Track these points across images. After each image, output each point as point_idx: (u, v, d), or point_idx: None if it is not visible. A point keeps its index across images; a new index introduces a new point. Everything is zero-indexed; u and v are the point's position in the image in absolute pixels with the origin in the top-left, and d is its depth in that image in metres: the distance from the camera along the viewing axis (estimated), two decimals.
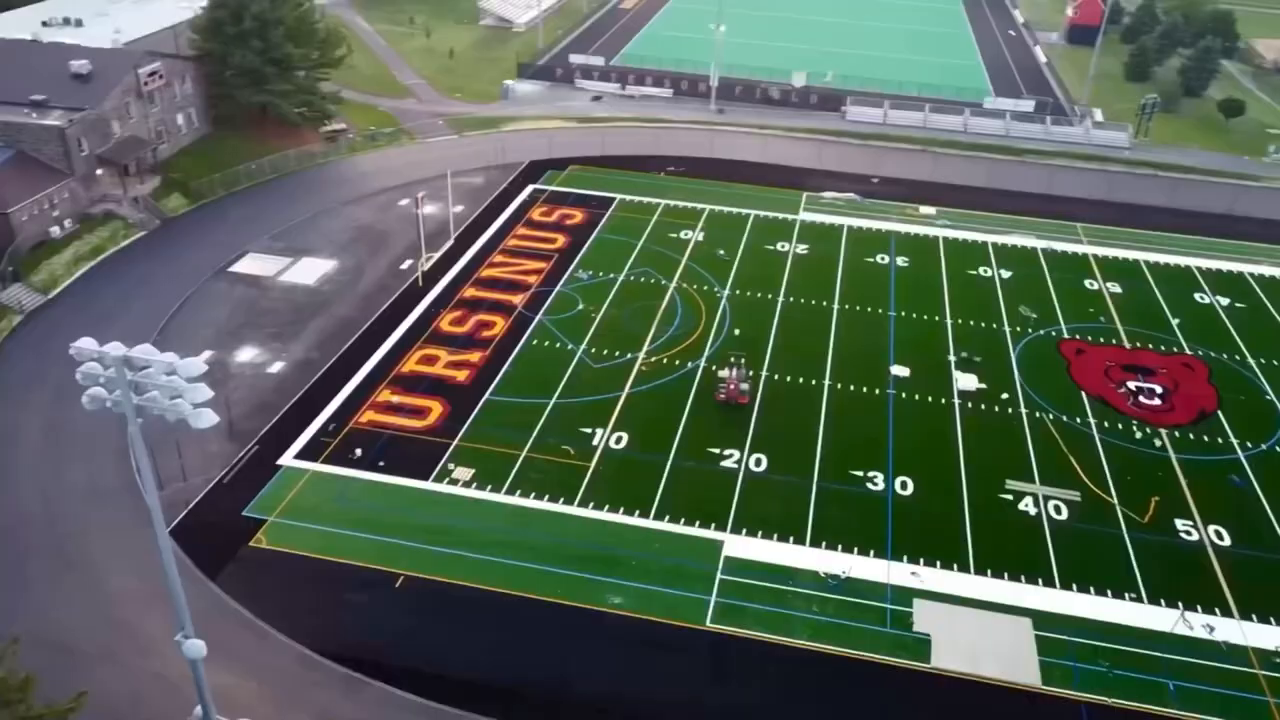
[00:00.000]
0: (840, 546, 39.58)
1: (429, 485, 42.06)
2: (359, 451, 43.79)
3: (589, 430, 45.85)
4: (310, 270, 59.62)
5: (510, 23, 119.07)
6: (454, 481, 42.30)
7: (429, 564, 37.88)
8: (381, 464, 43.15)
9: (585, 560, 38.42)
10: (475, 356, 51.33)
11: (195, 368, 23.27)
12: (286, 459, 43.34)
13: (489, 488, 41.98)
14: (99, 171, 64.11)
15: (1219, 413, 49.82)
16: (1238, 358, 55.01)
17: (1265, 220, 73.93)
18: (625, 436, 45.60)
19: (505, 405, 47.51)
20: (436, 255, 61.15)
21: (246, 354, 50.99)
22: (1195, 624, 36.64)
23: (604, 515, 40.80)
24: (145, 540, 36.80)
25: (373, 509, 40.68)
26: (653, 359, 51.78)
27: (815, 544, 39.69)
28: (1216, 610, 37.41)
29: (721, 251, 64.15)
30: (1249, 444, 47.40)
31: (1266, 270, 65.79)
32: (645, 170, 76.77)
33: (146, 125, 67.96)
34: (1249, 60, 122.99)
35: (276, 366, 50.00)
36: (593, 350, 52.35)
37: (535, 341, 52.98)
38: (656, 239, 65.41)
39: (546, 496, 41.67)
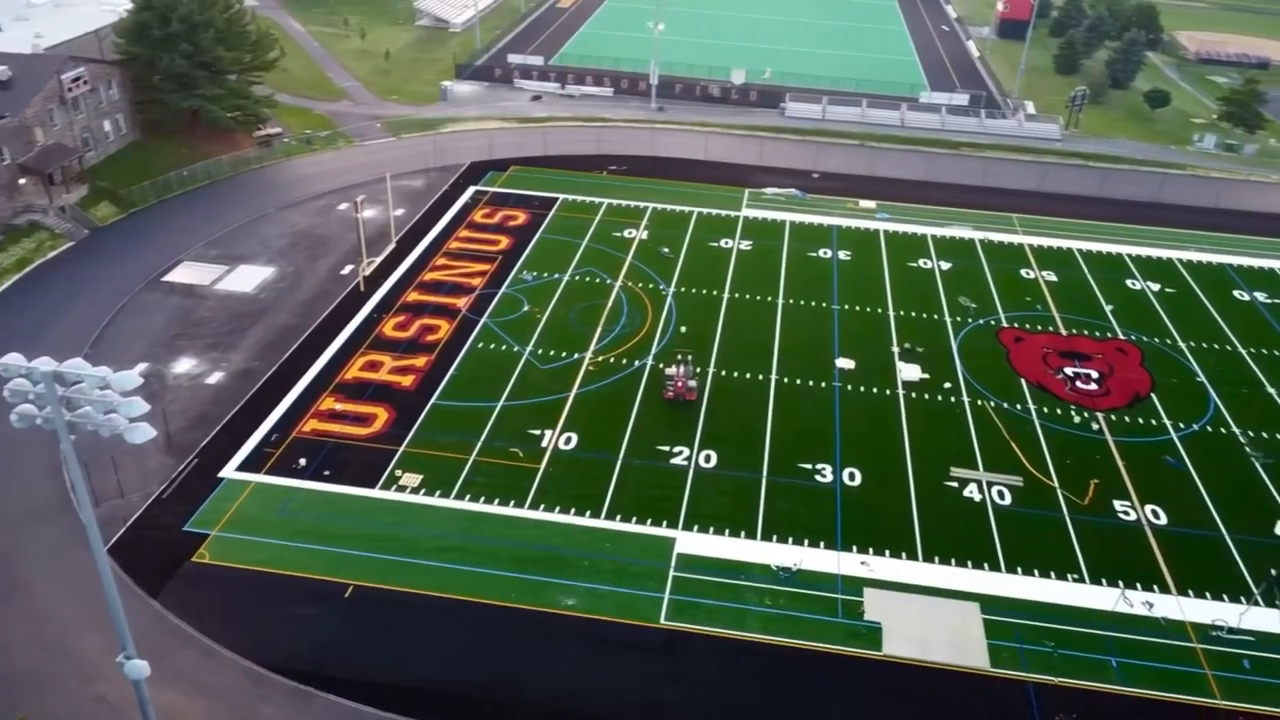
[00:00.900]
0: (791, 539, 39.89)
1: (376, 493, 41.47)
2: (303, 461, 43.02)
3: (537, 432, 45.61)
4: (248, 278, 58.42)
5: (446, 23, 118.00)
6: (402, 488, 41.76)
7: (378, 572, 37.35)
8: (327, 473, 42.43)
9: (537, 562, 38.21)
10: (420, 361, 50.74)
11: (130, 381, 22.61)
12: (228, 471, 42.40)
13: (437, 493, 41.53)
14: (22, 181, 62.03)
15: (1153, 395, 51.23)
16: (1169, 341, 56.63)
17: (1191, 207, 76.26)
18: (574, 437, 45.45)
19: (452, 409, 47.05)
20: (378, 260, 60.32)
21: (184, 365, 49.77)
22: (1135, 602, 37.62)
23: (555, 516, 40.62)
24: (82, 559, 35.89)
25: (319, 519, 39.99)
26: (600, 358, 51.68)
27: (766, 538, 39.96)
28: (1155, 587, 38.46)
29: (666, 249, 64.27)
30: (1182, 425, 48.81)
31: (1193, 256, 67.83)
32: (587, 170, 76.59)
33: (71, 132, 66.00)
34: (1172, 52, 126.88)
35: (215, 377, 48.89)
36: (539, 351, 52.09)
37: (481, 344, 52.55)
38: (600, 238, 65.31)
39: (496, 500, 41.36)
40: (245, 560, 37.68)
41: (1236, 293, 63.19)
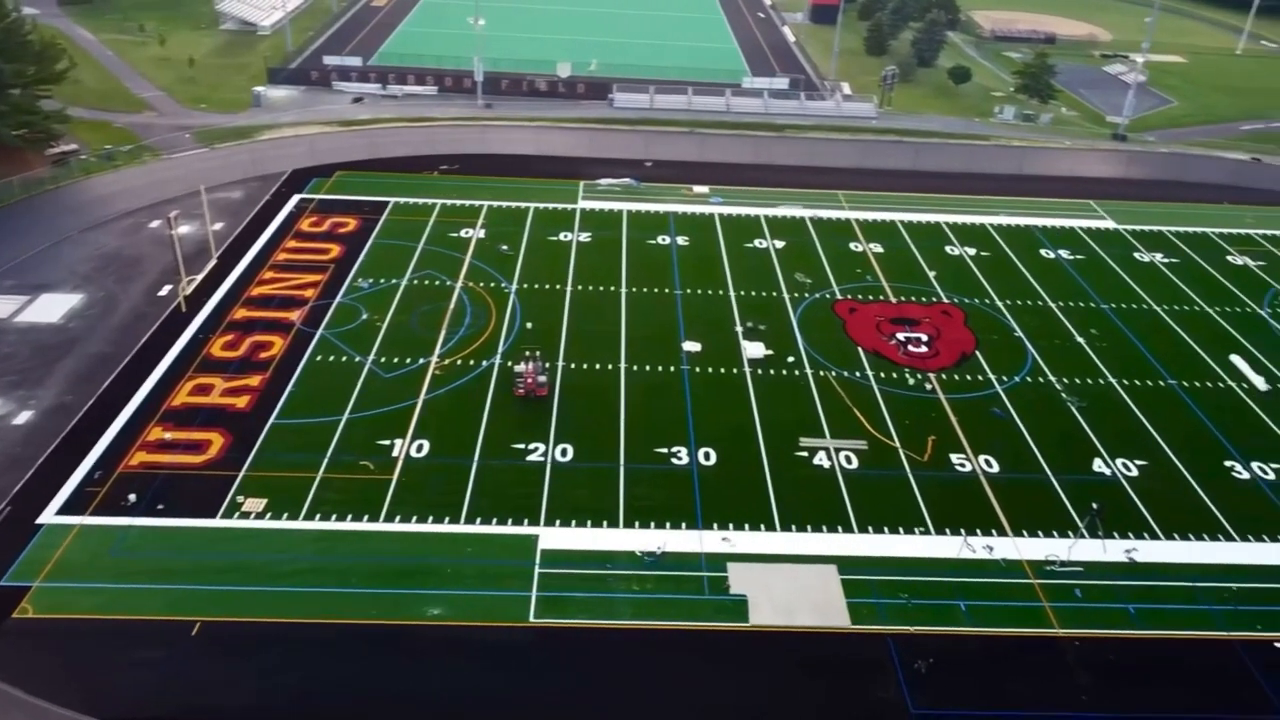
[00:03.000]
0: (653, 524, 40.20)
1: (217, 522, 39.18)
2: (133, 497, 40.12)
3: (387, 442, 44.20)
4: (52, 307, 53.94)
5: (254, 26, 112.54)
6: (245, 514, 39.61)
7: (227, 605, 35.29)
8: (160, 507, 39.75)
9: (398, 576, 37.05)
10: (254, 380, 48.25)
11: None
12: (47, 516, 39.05)
13: (285, 516, 39.62)
14: None
15: (977, 353, 54.42)
16: (987, 301, 60.31)
17: (997, 175, 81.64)
18: (426, 444, 44.30)
19: (293, 427, 44.97)
20: (199, 277, 56.93)
21: None
22: (977, 547, 39.90)
23: (412, 527, 39.49)
24: None
25: (157, 557, 37.42)
26: (446, 361, 50.57)
27: (629, 525, 40.12)
28: (993, 531, 40.90)
29: (505, 246, 63.53)
30: (1004, 378, 52.06)
31: (1002, 220, 72.52)
32: (417, 171, 74.92)
33: None
34: (970, 31, 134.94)
35: (23, 417, 44.93)
36: (382, 360, 50.47)
37: (319, 357, 50.46)
38: (437, 240, 63.90)
39: (349, 516, 39.83)
40: (76, 609, 34.85)
41: (1043, 251, 67.95)
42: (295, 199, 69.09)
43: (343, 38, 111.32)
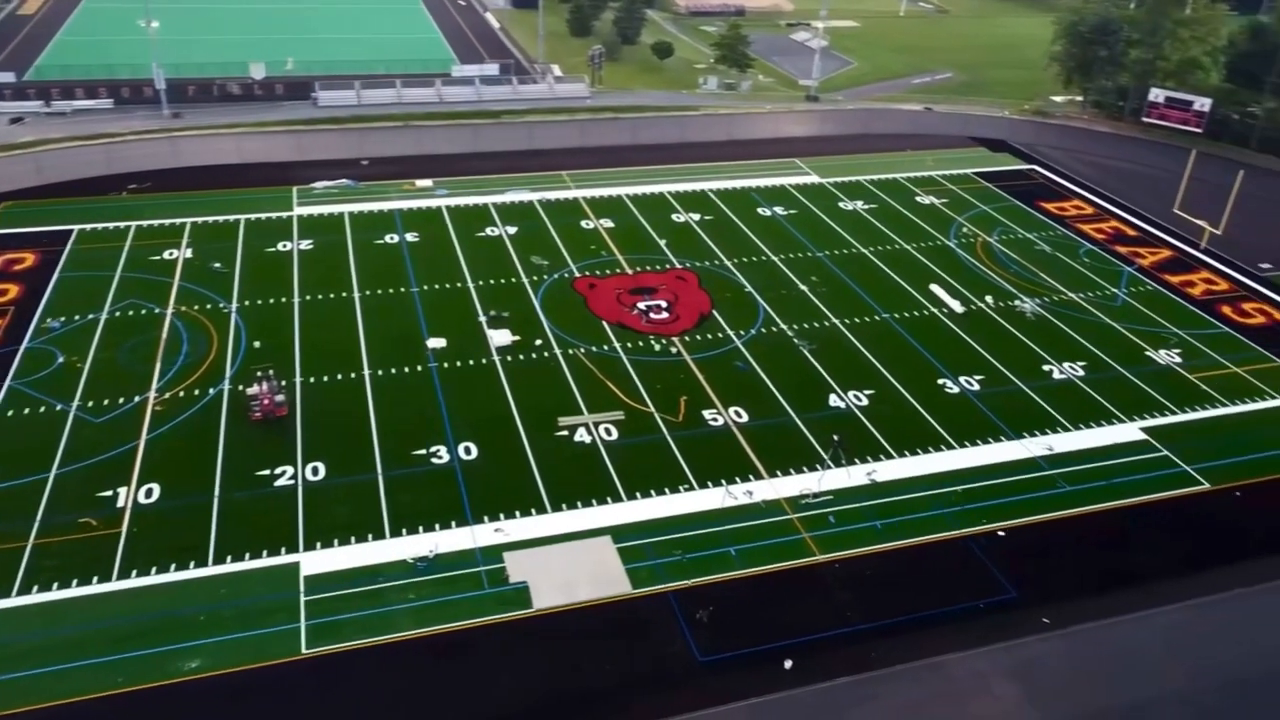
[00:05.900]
0: (421, 528, 38.84)
1: None
2: None
3: (109, 493, 39.70)
4: None
5: None
6: None
7: None
8: None
9: (143, 635, 33.42)
10: None
11: None
12: None
13: None
14: None
15: (714, 312, 56.82)
16: (717, 262, 63.13)
17: (710, 142, 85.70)
18: (156, 488, 40.23)
19: None
20: None
21: None
22: (738, 494, 41.74)
23: (153, 579, 35.74)
24: None
25: None
26: (166, 395, 46.14)
27: (396, 533, 38.52)
28: (751, 477, 42.92)
29: (218, 264, 58.83)
30: (741, 332, 54.74)
31: (720, 184, 76.17)
32: (102, 193, 67.80)
33: None
34: (667, 8, 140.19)
35: None
36: (89, 404, 45.24)
37: (10, 412, 44.46)
38: (136, 265, 58.06)
39: (75, 581, 35.43)
40: None
41: (760, 210, 72.04)
42: None
43: None
